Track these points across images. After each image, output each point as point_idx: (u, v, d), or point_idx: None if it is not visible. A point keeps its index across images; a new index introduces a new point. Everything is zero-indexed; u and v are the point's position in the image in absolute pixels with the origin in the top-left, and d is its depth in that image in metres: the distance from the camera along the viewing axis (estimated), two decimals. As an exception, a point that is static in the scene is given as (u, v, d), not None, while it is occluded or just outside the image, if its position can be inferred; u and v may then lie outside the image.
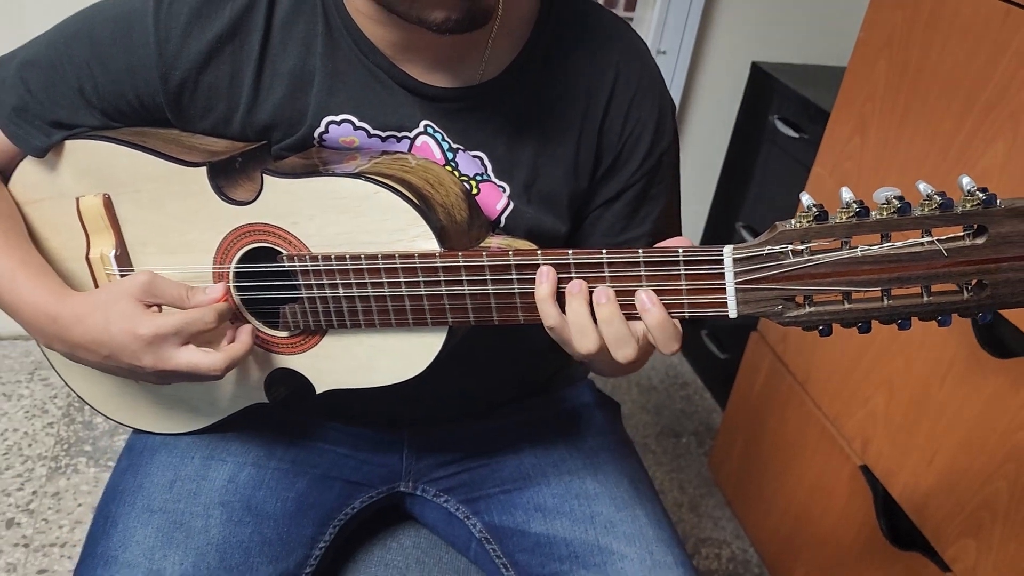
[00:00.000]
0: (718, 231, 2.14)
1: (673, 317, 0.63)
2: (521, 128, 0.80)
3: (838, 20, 1.96)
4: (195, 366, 0.70)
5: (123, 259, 0.80)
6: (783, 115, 1.82)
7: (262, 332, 0.77)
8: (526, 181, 0.80)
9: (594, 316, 0.64)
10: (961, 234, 0.57)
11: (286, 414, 0.87)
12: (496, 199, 0.80)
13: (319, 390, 0.78)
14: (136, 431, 0.91)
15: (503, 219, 0.81)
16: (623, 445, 0.99)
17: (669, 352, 0.65)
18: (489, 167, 0.80)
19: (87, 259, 0.81)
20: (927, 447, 1.24)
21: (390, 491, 0.95)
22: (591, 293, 0.64)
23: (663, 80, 0.86)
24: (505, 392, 0.97)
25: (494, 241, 0.75)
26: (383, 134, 0.78)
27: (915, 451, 1.26)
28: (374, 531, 0.97)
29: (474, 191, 0.80)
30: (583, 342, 0.65)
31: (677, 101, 1.97)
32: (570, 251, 0.64)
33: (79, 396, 0.90)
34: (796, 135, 1.76)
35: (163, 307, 0.73)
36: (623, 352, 0.65)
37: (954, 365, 1.19)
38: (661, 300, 0.63)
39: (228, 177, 0.75)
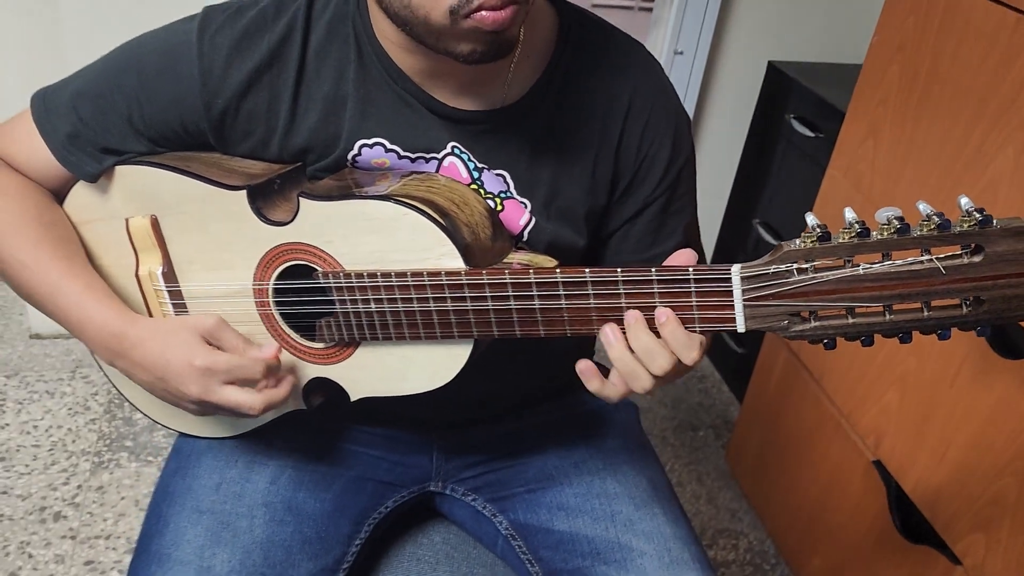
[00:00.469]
0: (735, 227, 2.17)
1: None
2: (541, 148, 0.84)
3: (854, 17, 1.98)
4: (236, 404, 0.76)
5: (170, 276, 0.85)
6: (799, 114, 1.84)
7: (300, 344, 0.82)
8: (546, 198, 0.85)
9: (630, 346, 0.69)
10: (959, 252, 0.60)
11: (323, 420, 0.92)
12: (519, 215, 0.85)
13: (353, 398, 0.83)
14: (182, 435, 0.97)
15: (526, 233, 0.85)
16: (642, 446, 1.03)
17: (690, 362, 0.69)
18: (511, 185, 0.84)
19: (136, 276, 0.86)
20: (939, 444, 1.27)
21: (421, 491, 1.00)
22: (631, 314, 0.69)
23: (678, 98, 0.90)
24: (529, 396, 1.02)
25: (516, 257, 0.79)
26: (413, 155, 0.83)
27: (927, 448, 1.30)
28: (406, 528, 1.02)
29: (499, 208, 0.84)
30: (638, 382, 0.70)
31: (694, 100, 2.00)
32: (587, 270, 0.68)
33: (132, 404, 0.96)
34: (812, 134, 1.79)
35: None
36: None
37: (965, 365, 1.22)
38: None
39: (266, 199, 0.80)
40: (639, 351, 0.69)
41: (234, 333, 0.80)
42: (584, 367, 0.72)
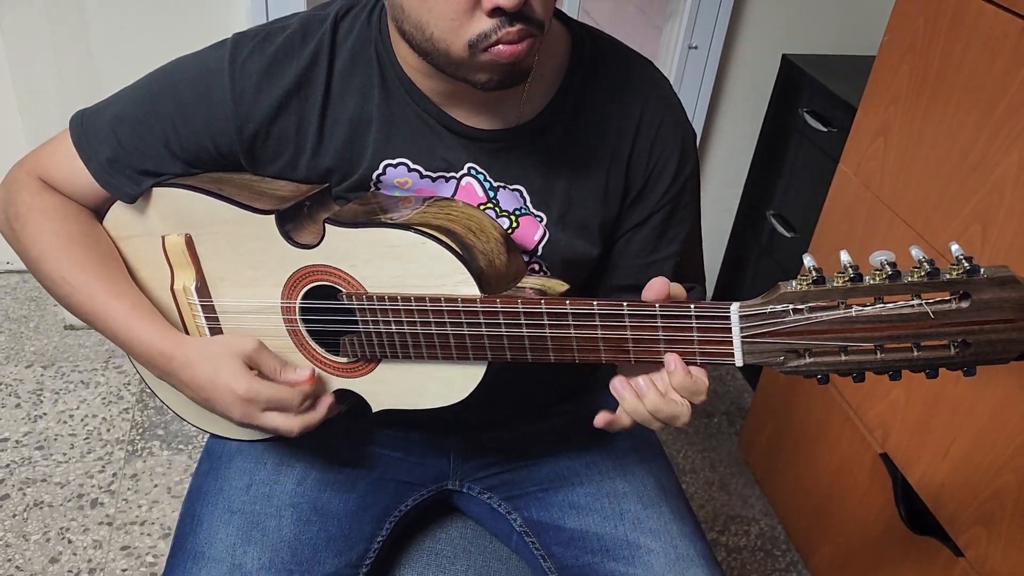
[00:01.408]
0: (750, 219, 2.19)
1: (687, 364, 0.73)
2: (556, 163, 0.88)
3: (869, 8, 1.99)
4: (275, 428, 0.83)
5: (203, 291, 0.90)
6: (812, 108, 1.86)
7: (325, 357, 0.87)
8: (560, 211, 0.89)
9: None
10: (948, 298, 0.63)
11: (346, 424, 0.97)
12: (534, 231, 0.89)
13: (375, 409, 0.88)
14: (213, 436, 1.03)
15: (540, 248, 0.89)
16: (650, 447, 1.08)
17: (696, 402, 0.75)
18: (527, 199, 0.88)
19: (172, 290, 0.91)
20: (943, 439, 1.31)
21: (439, 489, 1.05)
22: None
23: (685, 113, 0.93)
24: (542, 401, 1.06)
25: (530, 281, 0.83)
26: (434, 175, 0.87)
27: (932, 442, 1.33)
28: (425, 524, 1.07)
29: (514, 225, 0.88)
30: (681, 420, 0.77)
31: (708, 94, 2.02)
32: (595, 301, 0.72)
33: (168, 407, 1.02)
34: (825, 129, 1.80)
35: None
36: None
37: (969, 363, 1.25)
38: (675, 349, 0.72)
39: (295, 223, 0.85)
40: (649, 407, 0.76)
41: (272, 357, 0.85)
42: (618, 383, 0.79)
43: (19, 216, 0.89)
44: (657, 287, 0.72)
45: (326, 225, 0.81)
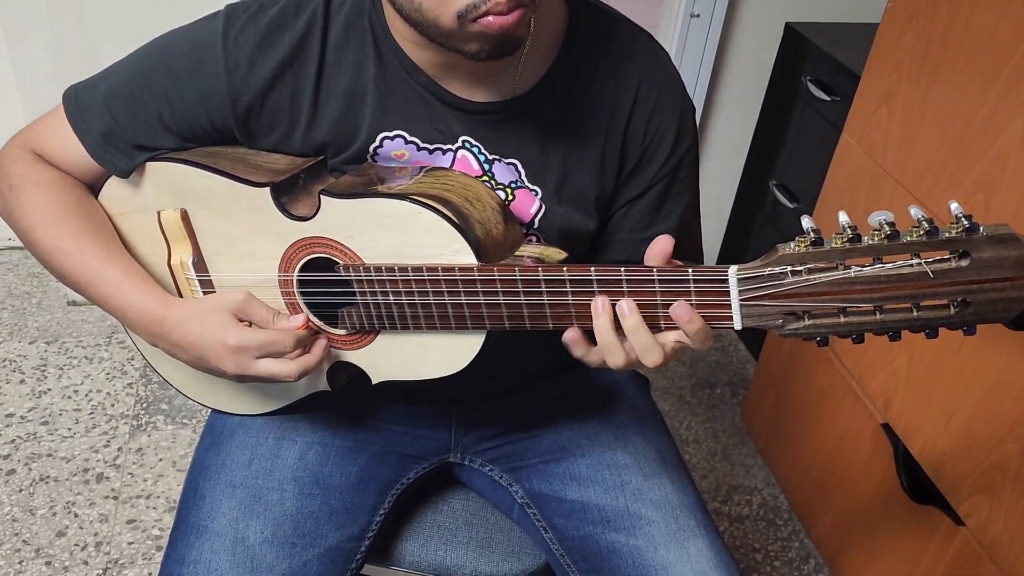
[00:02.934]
0: (752, 189, 2.18)
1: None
2: (551, 135, 0.87)
3: (874, -25, 1.96)
4: (271, 374, 0.81)
5: (199, 266, 0.90)
6: (815, 77, 1.84)
7: (324, 331, 0.87)
8: (556, 184, 0.88)
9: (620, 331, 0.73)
10: (947, 256, 0.63)
11: (347, 398, 0.97)
12: (530, 204, 0.88)
13: (375, 381, 0.88)
14: (215, 411, 1.03)
15: (536, 221, 0.89)
16: (652, 418, 1.08)
17: (705, 349, 0.73)
18: (523, 173, 0.87)
19: (168, 265, 0.91)
20: (945, 408, 1.31)
21: (441, 462, 1.06)
22: (614, 307, 0.72)
23: (683, 86, 0.92)
24: (542, 370, 1.06)
25: (528, 250, 0.83)
26: (430, 147, 0.86)
27: (934, 412, 1.33)
28: (427, 496, 1.08)
29: (510, 198, 0.88)
30: (612, 358, 0.74)
31: (711, 63, 2.00)
32: (592, 268, 0.72)
33: (168, 382, 1.02)
34: (828, 98, 1.79)
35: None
36: (651, 358, 0.73)
37: (971, 333, 1.25)
38: None
39: (290, 195, 0.84)
40: (637, 346, 0.73)
41: (263, 306, 0.83)
42: (570, 336, 0.76)
43: (12, 187, 0.89)
44: (661, 245, 0.71)
45: (321, 197, 0.81)
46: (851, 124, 1.52)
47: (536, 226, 0.89)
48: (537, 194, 0.88)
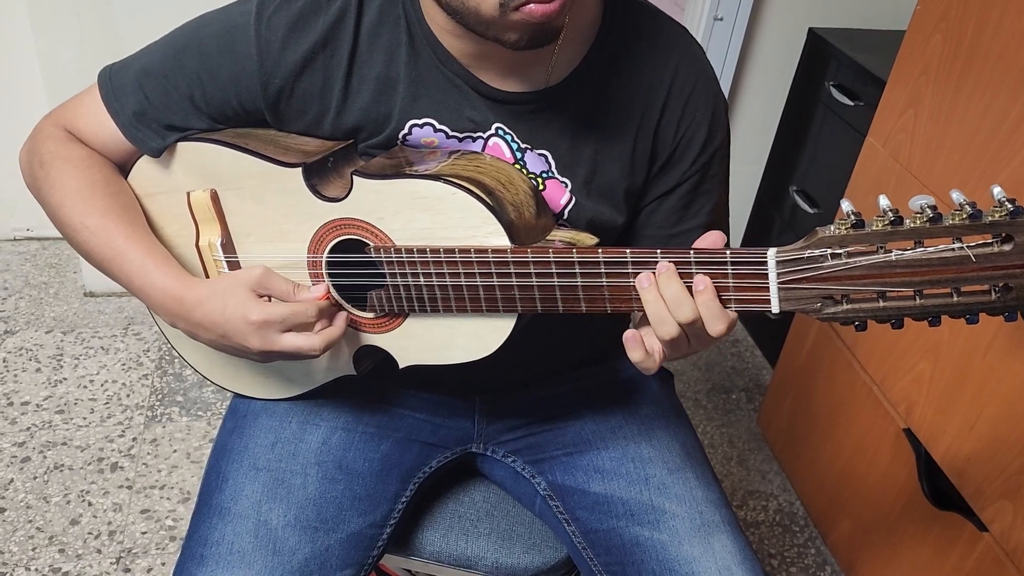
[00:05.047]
0: (772, 194, 2.17)
1: None
2: (583, 128, 0.87)
3: (899, -18, 1.96)
4: (297, 348, 0.80)
5: (228, 247, 0.90)
6: (839, 82, 1.84)
7: (352, 313, 0.87)
8: (586, 176, 0.88)
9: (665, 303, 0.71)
10: (990, 241, 0.62)
11: (371, 384, 0.97)
12: (560, 194, 0.88)
13: (402, 365, 0.87)
14: (237, 395, 1.02)
15: (566, 212, 0.88)
16: (676, 412, 1.07)
17: (716, 334, 0.71)
18: (553, 164, 0.87)
19: (197, 246, 0.91)
20: (969, 413, 1.30)
21: (463, 451, 1.05)
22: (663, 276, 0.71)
23: (717, 81, 0.92)
24: (567, 363, 1.05)
25: (559, 235, 0.82)
26: (460, 135, 0.86)
27: (957, 417, 1.32)
28: (449, 487, 1.07)
29: (541, 187, 0.87)
30: (665, 328, 0.71)
31: (733, 67, 1.99)
32: (628, 250, 0.71)
33: (192, 366, 1.02)
34: (851, 103, 1.78)
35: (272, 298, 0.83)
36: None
37: (998, 336, 1.23)
38: None
39: (321, 176, 0.84)
40: (668, 298, 0.71)
41: (282, 279, 0.82)
42: (630, 336, 0.74)
43: (43, 163, 0.89)
44: (710, 241, 0.71)
45: (354, 177, 0.80)
46: (876, 127, 1.52)
47: (565, 217, 0.89)
48: (567, 186, 0.87)
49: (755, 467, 1.89)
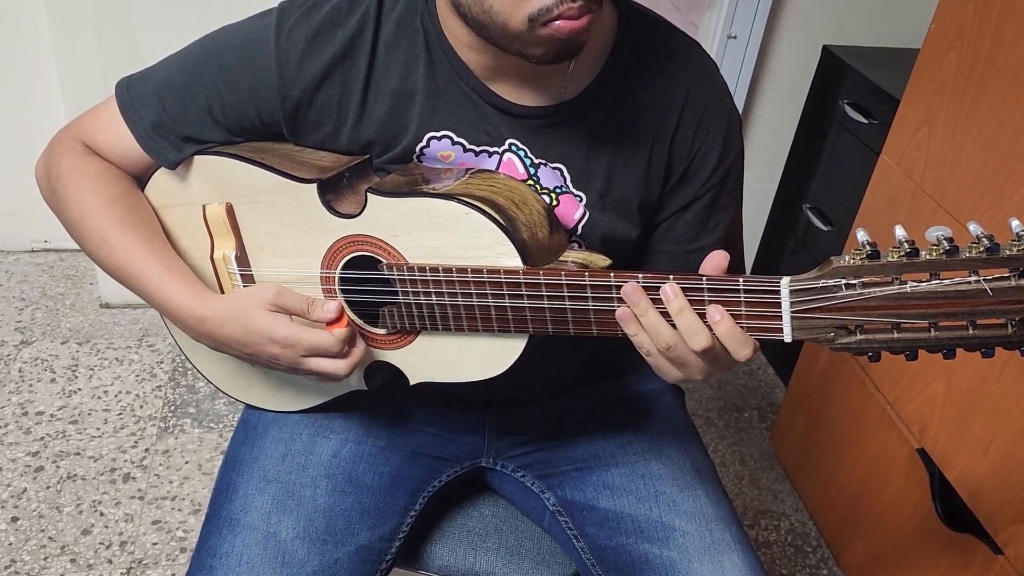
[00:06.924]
0: (785, 212, 2.17)
1: None
2: (598, 142, 0.87)
3: (912, 1, 1.96)
4: (325, 371, 0.81)
5: (242, 260, 0.91)
6: (853, 100, 1.84)
7: (364, 329, 0.87)
8: (601, 190, 0.88)
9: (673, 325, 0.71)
10: (1007, 275, 0.61)
11: (382, 397, 0.97)
12: (574, 209, 0.88)
13: (412, 382, 0.88)
14: (249, 407, 1.03)
15: (580, 227, 0.88)
16: (686, 429, 1.07)
17: (742, 359, 0.71)
18: (568, 178, 0.87)
19: (211, 259, 0.91)
20: (984, 434, 1.29)
21: (473, 466, 1.05)
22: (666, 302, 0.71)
23: (731, 96, 0.92)
24: (578, 379, 1.05)
25: (572, 256, 0.82)
26: (477, 149, 0.86)
27: (972, 437, 1.31)
28: (458, 501, 1.07)
29: (554, 203, 0.87)
30: (696, 341, 0.70)
31: (747, 84, 2.00)
32: (640, 275, 0.71)
33: (205, 377, 1.03)
34: (865, 121, 1.78)
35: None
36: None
37: (1013, 357, 1.23)
38: None
39: (336, 192, 0.85)
40: (682, 329, 0.70)
41: (297, 296, 0.82)
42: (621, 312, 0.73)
43: (60, 177, 0.90)
44: (716, 260, 0.70)
45: (368, 194, 0.81)
46: (890, 145, 1.51)
47: (579, 232, 0.89)
48: (582, 200, 0.88)
49: (767, 486, 1.88)
